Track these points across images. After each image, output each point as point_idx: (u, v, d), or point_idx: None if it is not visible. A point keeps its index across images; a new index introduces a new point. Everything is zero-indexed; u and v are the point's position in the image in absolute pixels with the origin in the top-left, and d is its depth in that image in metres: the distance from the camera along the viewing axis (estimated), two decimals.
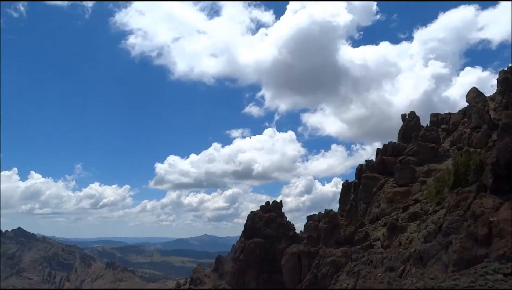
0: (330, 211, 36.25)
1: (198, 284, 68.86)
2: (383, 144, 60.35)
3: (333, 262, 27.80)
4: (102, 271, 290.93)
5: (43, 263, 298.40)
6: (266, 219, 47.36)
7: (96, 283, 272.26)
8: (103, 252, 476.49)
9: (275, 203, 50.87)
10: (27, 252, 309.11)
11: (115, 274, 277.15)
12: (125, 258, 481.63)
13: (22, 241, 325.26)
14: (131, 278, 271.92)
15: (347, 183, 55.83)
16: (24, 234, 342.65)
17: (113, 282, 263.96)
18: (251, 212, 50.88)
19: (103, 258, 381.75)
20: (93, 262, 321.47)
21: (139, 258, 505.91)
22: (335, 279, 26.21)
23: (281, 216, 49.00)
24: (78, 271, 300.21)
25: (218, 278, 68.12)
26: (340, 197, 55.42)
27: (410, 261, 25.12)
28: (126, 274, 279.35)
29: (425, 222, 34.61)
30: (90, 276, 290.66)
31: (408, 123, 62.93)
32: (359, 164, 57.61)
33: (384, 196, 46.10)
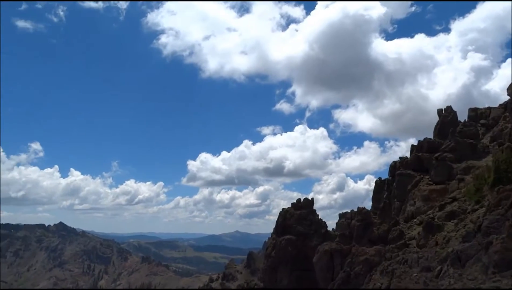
0: (363, 209, 35.64)
1: (230, 279, 69.73)
2: (418, 141, 58.47)
3: (366, 260, 27.36)
4: (138, 265, 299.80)
5: (83, 256, 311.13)
6: (297, 216, 47.16)
7: (132, 277, 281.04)
8: (139, 246, 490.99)
9: (307, 200, 50.52)
10: (68, 246, 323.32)
11: (150, 268, 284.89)
12: (159, 252, 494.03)
13: (63, 235, 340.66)
14: (165, 272, 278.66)
15: (380, 181, 54.62)
16: (65, 229, 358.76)
17: (148, 275, 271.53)
18: (283, 209, 50.79)
19: (138, 253, 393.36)
20: (129, 256, 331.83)
21: (173, 253, 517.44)
22: (368, 278, 25.78)
23: (312, 213, 48.65)
24: (115, 265, 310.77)
25: (250, 274, 68.72)
26: (373, 195, 54.31)
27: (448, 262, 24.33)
28: (161, 268, 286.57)
29: (463, 221, 33.37)
30: (127, 269, 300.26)
31: (444, 118, 60.61)
32: (392, 161, 56.13)
33: (419, 194, 44.81)
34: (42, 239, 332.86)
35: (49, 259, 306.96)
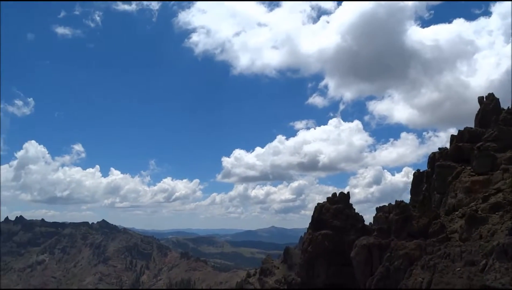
0: (401, 202, 34.79)
1: (268, 275, 70.10)
2: (459, 130, 56.18)
3: (406, 255, 26.74)
4: (177, 260, 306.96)
5: (125, 253, 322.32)
6: (333, 211, 46.72)
7: (172, 272, 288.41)
8: (177, 242, 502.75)
9: (342, 194, 49.93)
10: (111, 242, 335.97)
11: (189, 263, 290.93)
12: (198, 248, 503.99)
13: (106, 232, 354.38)
14: (203, 268, 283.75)
15: (419, 173, 53.02)
16: (107, 226, 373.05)
17: (188, 271, 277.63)
18: (318, 204, 50.47)
19: (177, 248, 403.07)
20: (168, 252, 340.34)
21: (211, 249, 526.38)
22: (409, 272, 25.20)
23: (348, 207, 48.04)
24: (156, 260, 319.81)
25: (287, 269, 68.77)
26: (412, 188, 52.84)
27: (493, 255, 23.39)
28: (199, 263, 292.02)
29: (509, 213, 31.89)
30: (167, 265, 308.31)
31: (486, 106, 57.81)
32: (431, 152, 54.27)
33: (461, 186, 43.15)
34: (86, 236, 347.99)
35: (93, 255, 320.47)
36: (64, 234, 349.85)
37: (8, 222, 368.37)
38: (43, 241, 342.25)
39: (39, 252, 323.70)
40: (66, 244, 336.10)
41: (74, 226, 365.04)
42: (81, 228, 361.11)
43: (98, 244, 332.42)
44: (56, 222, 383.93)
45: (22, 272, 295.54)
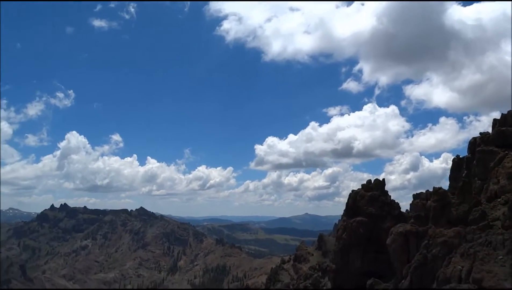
0: (439, 189, 33.78)
1: (302, 261, 70.47)
2: (502, 114, 53.44)
3: (445, 242, 26.08)
4: (212, 246, 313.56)
5: (163, 239, 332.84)
6: (368, 198, 46.03)
7: (208, 258, 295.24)
8: (213, 229, 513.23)
9: (378, 181, 48.98)
10: (149, 229, 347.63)
11: (224, 249, 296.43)
12: (232, 235, 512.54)
13: (144, 219, 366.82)
14: (238, 254, 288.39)
15: (459, 159, 51.07)
16: (145, 213, 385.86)
17: (223, 257, 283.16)
18: (353, 191, 49.79)
19: (212, 235, 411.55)
20: (204, 238, 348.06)
21: (245, 235, 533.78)
22: (448, 260, 24.61)
23: (384, 194, 47.13)
24: (192, 246, 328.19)
25: (322, 256, 68.83)
26: (451, 174, 51.01)
27: None
28: (234, 250, 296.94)
29: None
30: (203, 251, 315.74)
31: None
32: (472, 137, 52.07)
33: (503, 172, 41.28)
34: (126, 223, 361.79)
35: (133, 241, 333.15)
36: (105, 221, 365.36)
37: (53, 209, 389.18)
38: (86, 227, 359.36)
39: (82, 238, 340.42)
40: (107, 230, 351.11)
41: (114, 213, 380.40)
42: (120, 215, 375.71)
43: (137, 231, 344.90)
44: (98, 209, 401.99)
45: (67, 256, 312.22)
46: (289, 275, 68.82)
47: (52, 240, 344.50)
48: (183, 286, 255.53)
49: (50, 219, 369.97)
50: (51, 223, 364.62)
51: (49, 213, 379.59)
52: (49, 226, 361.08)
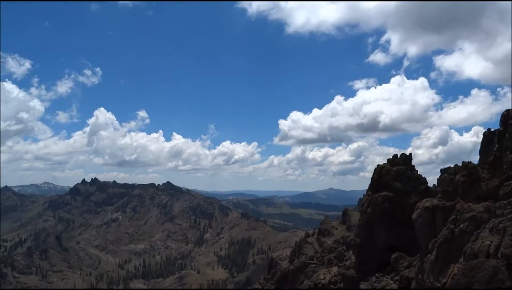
0: (468, 163, 32.81)
1: (326, 235, 70.92)
2: None
3: (473, 217, 25.51)
4: (238, 220, 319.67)
5: (189, 212, 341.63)
6: (394, 173, 45.30)
7: (233, 231, 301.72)
8: (238, 203, 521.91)
9: (404, 155, 47.98)
10: (176, 202, 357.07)
11: (249, 223, 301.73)
12: (257, 209, 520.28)
13: (171, 193, 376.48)
14: (263, 227, 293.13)
15: (490, 132, 49.04)
16: (172, 187, 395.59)
17: (248, 230, 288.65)
18: (378, 166, 49.04)
19: (237, 209, 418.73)
20: (229, 212, 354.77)
21: (269, 210, 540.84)
22: (475, 235, 24.16)
23: (410, 169, 46.23)
24: (218, 220, 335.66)
25: (346, 230, 69.03)
26: (481, 148, 49.16)
27: None
28: (259, 223, 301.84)
29: None
30: (228, 224, 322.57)
31: None
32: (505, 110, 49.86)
33: None
34: (154, 197, 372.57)
35: (161, 214, 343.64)
36: (134, 194, 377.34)
37: (85, 183, 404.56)
38: (115, 200, 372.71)
39: (113, 211, 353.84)
40: (136, 204, 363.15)
41: (142, 188, 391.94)
42: (148, 189, 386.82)
43: (164, 204, 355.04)
44: (126, 183, 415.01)
45: (99, 228, 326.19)
46: (313, 248, 69.56)
47: (84, 212, 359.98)
48: (210, 258, 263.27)
49: (82, 192, 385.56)
50: (83, 197, 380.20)
51: (81, 187, 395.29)
52: (81, 199, 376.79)
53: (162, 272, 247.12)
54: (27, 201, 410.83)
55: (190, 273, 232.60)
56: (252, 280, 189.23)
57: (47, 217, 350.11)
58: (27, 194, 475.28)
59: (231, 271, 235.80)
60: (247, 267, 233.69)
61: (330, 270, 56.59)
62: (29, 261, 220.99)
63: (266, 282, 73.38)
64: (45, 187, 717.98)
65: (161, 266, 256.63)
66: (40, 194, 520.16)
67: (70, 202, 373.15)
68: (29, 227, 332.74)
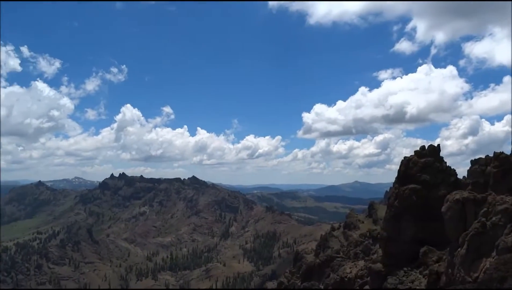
0: (500, 154, 31.53)
1: (352, 228, 70.16)
2: None
3: (506, 210, 24.58)
4: (262, 214, 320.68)
5: (215, 206, 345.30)
6: (422, 165, 44.15)
7: (258, 224, 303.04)
8: (262, 197, 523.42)
9: (432, 147, 46.61)
10: (201, 196, 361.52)
11: (274, 217, 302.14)
12: (281, 203, 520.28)
13: (196, 187, 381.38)
14: (288, 221, 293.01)
15: None
16: (197, 182, 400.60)
17: (273, 223, 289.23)
18: (405, 158, 47.88)
19: (262, 203, 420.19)
20: (254, 206, 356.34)
21: (294, 203, 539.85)
22: (509, 229, 23.29)
23: (439, 161, 44.90)
24: (243, 213, 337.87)
25: (372, 224, 68.06)
26: None
27: None
28: (284, 217, 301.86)
29: None
30: (253, 218, 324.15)
31: None
32: None
33: None
34: (180, 191, 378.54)
35: (187, 208, 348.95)
36: (160, 189, 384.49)
37: (113, 178, 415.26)
38: (143, 195, 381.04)
39: (140, 205, 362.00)
40: (162, 198, 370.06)
41: (168, 182, 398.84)
42: (174, 183, 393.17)
43: (190, 198, 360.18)
44: (153, 178, 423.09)
45: (128, 221, 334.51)
46: (339, 242, 69.00)
47: (113, 206, 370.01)
48: (235, 251, 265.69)
49: (110, 187, 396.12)
50: (111, 191, 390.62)
51: (110, 182, 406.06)
52: (110, 193, 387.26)
53: (189, 265, 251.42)
54: (60, 196, 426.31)
55: (216, 266, 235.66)
56: (277, 273, 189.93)
57: (78, 210, 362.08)
58: (59, 188, 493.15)
59: (256, 264, 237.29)
60: (273, 260, 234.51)
61: (356, 264, 55.99)
62: (62, 252, 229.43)
63: (291, 275, 73.42)
64: (76, 182, 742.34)
65: (188, 259, 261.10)
66: (71, 188, 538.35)
67: (99, 196, 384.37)
68: (62, 220, 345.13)
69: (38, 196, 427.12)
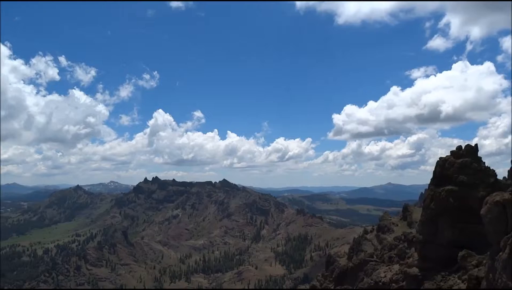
0: None
1: (386, 231, 68.57)
2: None
3: None
4: (293, 216, 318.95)
5: (246, 209, 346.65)
6: (458, 165, 42.60)
7: (289, 227, 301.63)
8: (293, 200, 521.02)
9: (469, 147, 44.88)
10: (232, 199, 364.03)
11: (305, 219, 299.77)
12: (312, 205, 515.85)
13: (227, 191, 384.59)
14: (319, 224, 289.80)
15: None
16: (228, 185, 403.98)
17: (304, 226, 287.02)
18: (440, 158, 46.35)
19: (293, 205, 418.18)
20: (285, 208, 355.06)
21: (325, 206, 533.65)
22: None
23: (477, 161, 43.16)
24: (274, 216, 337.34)
25: (407, 227, 66.24)
26: None
27: None
28: (315, 219, 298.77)
29: None
30: (284, 220, 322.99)
31: None
32: None
33: None
34: (211, 194, 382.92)
35: (218, 211, 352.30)
36: (192, 192, 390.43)
37: (147, 182, 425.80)
38: (175, 198, 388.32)
39: (173, 208, 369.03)
40: (194, 201, 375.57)
41: (199, 185, 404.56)
42: (205, 187, 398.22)
43: (221, 201, 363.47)
44: (185, 181, 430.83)
45: (161, 224, 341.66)
46: (372, 245, 67.61)
47: (147, 209, 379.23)
48: (267, 254, 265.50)
49: (144, 190, 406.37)
50: (145, 195, 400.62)
51: (143, 186, 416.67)
52: (144, 197, 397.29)
53: (221, 267, 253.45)
54: (96, 199, 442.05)
55: (248, 269, 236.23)
56: (310, 276, 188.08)
57: (114, 213, 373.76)
58: (96, 192, 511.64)
59: (288, 267, 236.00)
60: (305, 264, 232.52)
61: (391, 268, 54.66)
62: (100, 254, 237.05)
63: (324, 279, 72.54)
64: (111, 186, 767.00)
65: (220, 261, 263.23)
66: (107, 192, 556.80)
67: (134, 200, 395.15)
68: (99, 223, 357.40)
69: (76, 200, 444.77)
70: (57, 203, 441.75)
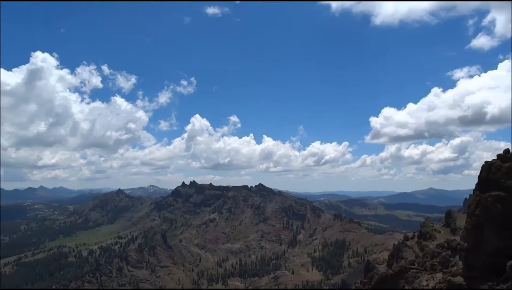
0: None
1: (428, 238, 66.24)
2: None
3: None
4: (330, 221, 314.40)
5: (282, 213, 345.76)
6: (506, 170, 40.61)
7: (326, 232, 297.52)
8: (329, 204, 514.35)
9: None
10: (268, 204, 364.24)
11: (343, 224, 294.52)
12: (350, 210, 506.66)
13: (263, 195, 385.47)
14: (357, 229, 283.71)
15: None
16: (264, 189, 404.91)
17: (342, 232, 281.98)
18: (486, 162, 44.35)
19: (330, 210, 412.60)
20: (322, 213, 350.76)
21: (363, 211, 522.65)
22: None
23: None
24: (310, 221, 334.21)
25: (450, 234, 63.69)
26: None
27: None
28: (353, 225, 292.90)
29: None
30: (321, 225, 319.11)
31: None
32: None
33: None
34: (247, 198, 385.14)
35: (254, 215, 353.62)
36: (229, 196, 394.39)
37: (184, 186, 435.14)
38: (212, 202, 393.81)
39: (210, 212, 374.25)
40: (231, 205, 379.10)
41: (236, 189, 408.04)
42: (242, 191, 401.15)
43: (257, 205, 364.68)
44: (221, 185, 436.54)
45: (199, 227, 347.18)
46: (413, 252, 65.52)
47: (185, 213, 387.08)
48: (303, 259, 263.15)
49: (182, 194, 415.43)
50: (183, 198, 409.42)
51: (181, 190, 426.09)
52: (182, 201, 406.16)
53: (257, 272, 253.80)
54: (137, 203, 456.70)
55: (284, 274, 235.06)
56: (348, 283, 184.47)
57: (154, 217, 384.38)
58: (136, 196, 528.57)
59: (325, 273, 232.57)
60: (343, 270, 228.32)
61: (433, 276, 52.75)
62: (140, 256, 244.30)
63: (363, 286, 71.01)
64: (150, 190, 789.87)
65: (256, 266, 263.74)
66: (147, 196, 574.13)
67: (172, 203, 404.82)
68: (139, 225, 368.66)
69: (118, 203, 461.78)
70: (100, 206, 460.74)
